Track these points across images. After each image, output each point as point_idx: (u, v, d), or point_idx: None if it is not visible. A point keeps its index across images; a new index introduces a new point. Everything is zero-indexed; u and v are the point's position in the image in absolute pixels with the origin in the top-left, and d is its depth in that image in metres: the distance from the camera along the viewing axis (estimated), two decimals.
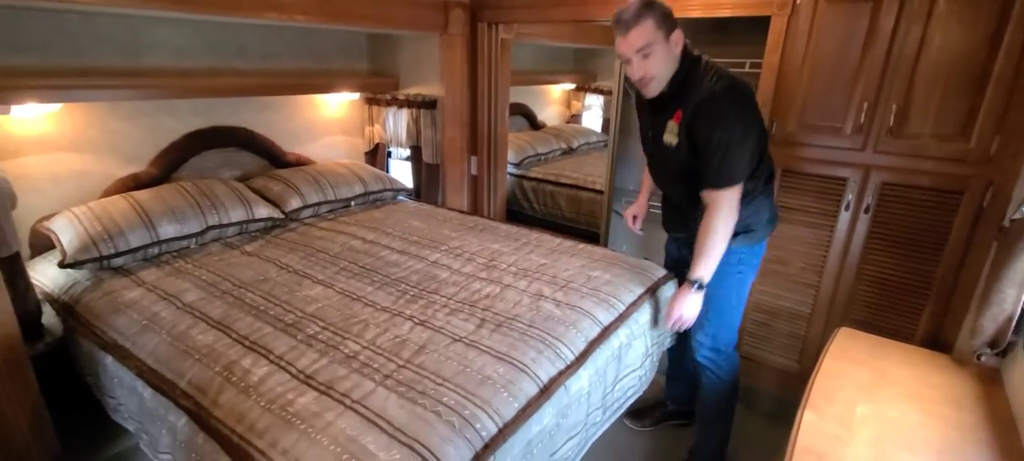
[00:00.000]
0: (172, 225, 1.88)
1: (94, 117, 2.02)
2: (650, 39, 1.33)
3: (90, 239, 1.71)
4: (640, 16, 1.31)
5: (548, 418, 1.22)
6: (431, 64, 2.73)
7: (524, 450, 1.15)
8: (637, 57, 1.36)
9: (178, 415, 1.19)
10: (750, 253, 1.60)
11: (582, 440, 1.41)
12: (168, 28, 2.12)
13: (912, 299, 1.80)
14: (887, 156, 1.72)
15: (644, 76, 1.39)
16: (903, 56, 1.61)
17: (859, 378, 1.38)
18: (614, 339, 1.51)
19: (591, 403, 1.41)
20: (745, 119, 1.37)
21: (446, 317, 1.51)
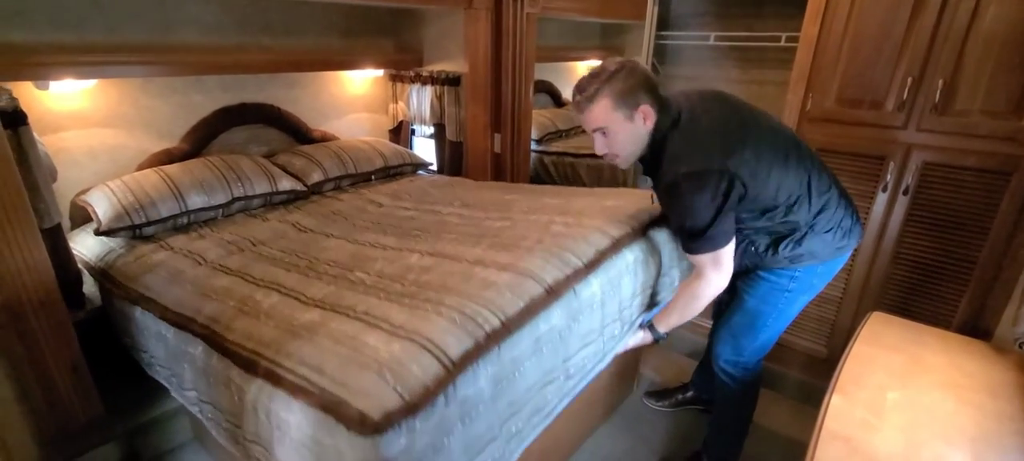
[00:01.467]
0: (200, 196, 1.95)
1: (127, 93, 2.07)
2: (606, 121, 1.24)
3: (123, 209, 1.78)
4: (594, 97, 1.22)
5: (557, 318, 1.21)
6: (455, 40, 2.70)
7: (533, 346, 1.14)
8: (597, 135, 1.28)
9: (196, 345, 1.25)
10: (808, 274, 1.44)
11: (600, 351, 1.38)
12: (197, 5, 2.15)
13: (951, 284, 1.73)
14: (930, 134, 1.63)
15: (607, 154, 1.31)
16: (953, 28, 1.52)
17: (891, 363, 1.34)
18: (627, 253, 1.47)
19: (606, 313, 1.38)
20: (712, 198, 1.21)
21: (454, 247, 1.53)
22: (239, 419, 1.13)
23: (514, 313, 1.14)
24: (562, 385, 1.27)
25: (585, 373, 1.35)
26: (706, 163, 1.21)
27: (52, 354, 1.48)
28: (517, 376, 1.11)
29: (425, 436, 0.90)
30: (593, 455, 1.85)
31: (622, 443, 1.91)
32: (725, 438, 1.71)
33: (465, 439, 0.99)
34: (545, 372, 1.20)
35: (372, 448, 0.85)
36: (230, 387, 1.14)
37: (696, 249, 1.29)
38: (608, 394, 1.97)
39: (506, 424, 1.11)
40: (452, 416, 0.96)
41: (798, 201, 1.31)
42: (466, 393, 0.99)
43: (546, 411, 1.24)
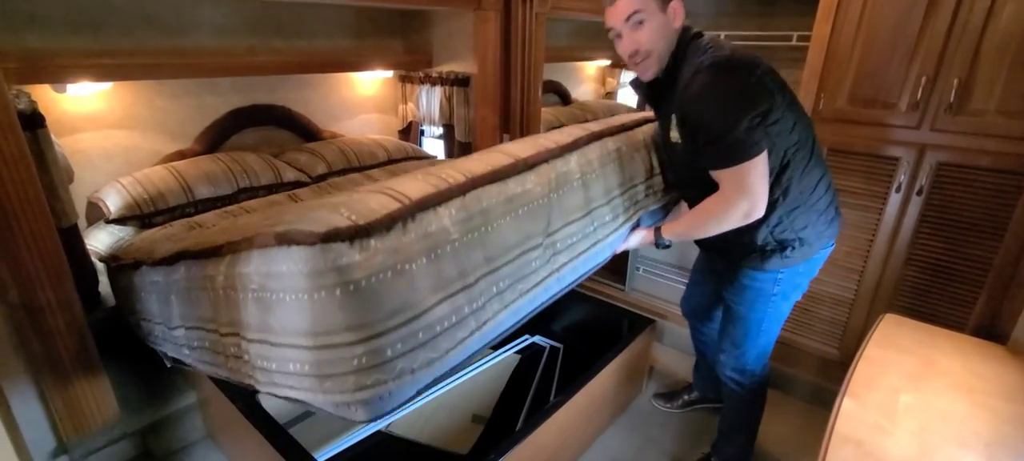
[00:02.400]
0: (206, 187, 2.04)
1: (142, 95, 2.10)
2: (640, 5, 1.16)
3: (133, 200, 1.88)
4: None
5: (532, 185, 1.16)
6: (464, 41, 2.71)
7: (505, 205, 1.10)
8: (627, 27, 1.19)
9: (178, 269, 1.23)
10: (792, 275, 1.39)
11: (589, 232, 1.31)
12: (210, 7, 2.17)
13: (965, 287, 1.71)
14: (945, 134, 1.61)
15: (636, 50, 1.21)
16: (968, 27, 1.50)
17: (904, 366, 1.32)
18: (610, 142, 1.40)
19: (591, 194, 1.31)
20: (744, 93, 1.13)
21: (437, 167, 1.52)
22: (215, 319, 1.11)
23: (480, 173, 1.10)
24: (547, 256, 1.20)
25: (576, 253, 1.28)
26: (736, 56, 1.13)
27: (68, 353, 1.50)
28: (490, 230, 1.07)
29: (382, 256, 0.88)
30: (602, 456, 1.85)
31: (631, 444, 1.91)
32: (734, 441, 1.70)
33: (433, 275, 0.96)
34: (524, 234, 1.14)
35: (321, 256, 0.84)
36: (206, 288, 1.11)
37: (720, 160, 1.17)
38: (617, 395, 1.96)
39: (486, 279, 1.06)
40: (414, 247, 0.93)
41: (798, 150, 1.24)
42: (429, 229, 0.96)
43: (533, 280, 1.17)
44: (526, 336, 2.35)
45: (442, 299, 0.98)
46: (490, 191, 1.08)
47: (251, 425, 1.46)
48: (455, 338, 1.00)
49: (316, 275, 0.84)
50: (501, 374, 2.14)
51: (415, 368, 0.94)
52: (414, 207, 0.95)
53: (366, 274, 0.86)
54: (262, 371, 0.98)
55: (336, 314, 0.85)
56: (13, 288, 1.36)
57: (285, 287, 0.89)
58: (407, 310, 0.91)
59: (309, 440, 1.70)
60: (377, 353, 0.88)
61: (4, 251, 1.32)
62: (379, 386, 0.90)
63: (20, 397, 1.47)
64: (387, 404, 0.95)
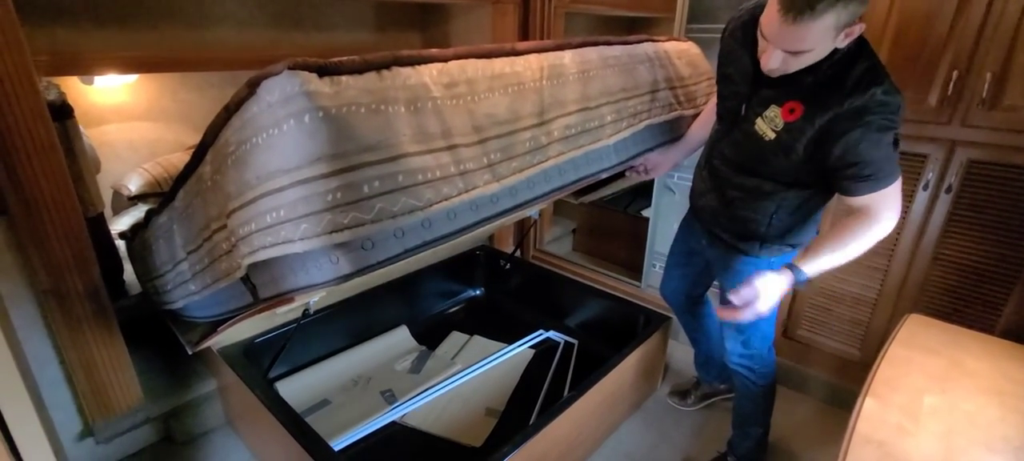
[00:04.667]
0: None
1: (166, 88, 2.14)
2: (815, 43, 1.01)
3: (154, 179, 1.95)
4: (822, 12, 0.94)
5: (521, 68, 1.15)
6: (482, 34, 2.70)
7: (490, 79, 1.09)
8: (785, 53, 1.04)
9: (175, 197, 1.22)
10: (781, 261, 1.33)
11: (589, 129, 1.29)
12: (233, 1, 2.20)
13: (995, 287, 1.66)
14: (977, 130, 1.56)
15: (778, 69, 1.09)
16: (1004, 18, 1.45)
17: (929, 367, 1.29)
18: (608, 50, 1.39)
19: (589, 90, 1.29)
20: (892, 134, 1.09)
21: None
22: (208, 225, 1.09)
23: (465, 51, 1.09)
24: (542, 140, 1.18)
25: (575, 145, 1.26)
26: (897, 90, 1.07)
27: (95, 339, 1.54)
28: (476, 100, 1.05)
29: (354, 92, 0.87)
30: (616, 451, 1.84)
31: (646, 440, 1.90)
32: (750, 434, 1.68)
33: (414, 126, 0.95)
34: (514, 113, 1.12)
35: (288, 81, 0.83)
36: (198, 193, 1.09)
37: (869, 188, 1.10)
38: (632, 391, 1.95)
39: (474, 147, 1.05)
40: (391, 92, 0.92)
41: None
42: (408, 82, 0.95)
43: (527, 160, 1.16)
44: (540, 331, 2.35)
45: (424, 151, 0.96)
46: (475, 64, 1.07)
47: (269, 412, 1.48)
48: (440, 192, 0.98)
49: (284, 103, 0.83)
50: (515, 368, 2.14)
51: (396, 212, 0.91)
52: (390, 59, 0.94)
53: (336, 104, 0.84)
54: (244, 241, 0.94)
55: (306, 143, 0.83)
56: (43, 274, 1.40)
57: (257, 128, 0.87)
58: (383, 149, 0.89)
59: (326, 429, 1.73)
60: (352, 187, 0.86)
61: (34, 238, 1.36)
62: (358, 227, 0.87)
63: (49, 380, 1.52)
64: (371, 255, 0.92)
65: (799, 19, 0.96)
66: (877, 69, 1.09)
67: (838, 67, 1.08)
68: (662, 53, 1.56)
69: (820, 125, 1.10)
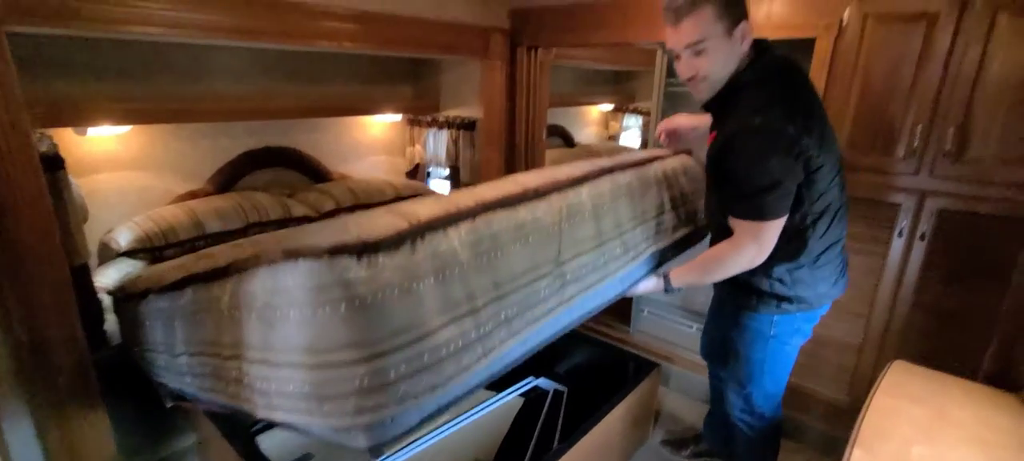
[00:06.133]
0: (217, 222, 2.10)
1: (159, 137, 2.17)
2: (705, 33, 1.09)
3: (144, 234, 1.94)
4: (697, 2, 1.07)
5: (542, 213, 1.14)
6: (471, 86, 2.80)
7: (515, 231, 1.08)
8: (687, 53, 1.14)
9: (185, 293, 1.23)
10: (788, 320, 1.38)
11: (599, 266, 1.29)
12: (228, 55, 2.27)
13: (975, 333, 1.69)
14: (944, 181, 1.63)
15: (694, 75, 1.16)
16: (961, 76, 1.54)
17: (915, 416, 1.30)
18: (621, 177, 1.39)
19: (602, 226, 1.29)
20: (777, 163, 1.12)
21: None
22: (219, 342, 1.09)
23: (492, 198, 1.08)
24: (557, 285, 1.18)
25: (585, 285, 1.27)
26: (783, 122, 1.09)
27: (70, 392, 1.50)
28: (499, 255, 1.05)
29: (389, 272, 0.86)
30: None
31: None
32: None
33: (441, 296, 0.94)
34: (533, 262, 1.13)
35: (327, 269, 0.83)
36: (211, 310, 1.10)
37: (741, 212, 1.19)
38: (623, 440, 1.92)
39: (494, 305, 1.04)
40: (422, 266, 0.91)
41: (824, 215, 1.24)
42: (438, 248, 0.94)
43: (541, 309, 1.15)
44: (530, 378, 2.32)
45: (448, 321, 0.96)
46: (500, 216, 1.07)
47: None
48: (460, 363, 0.98)
49: (321, 289, 0.84)
50: (504, 417, 2.10)
51: (418, 394, 0.91)
52: (423, 226, 0.94)
53: (372, 290, 0.85)
54: (261, 394, 0.96)
55: (339, 330, 0.84)
56: (21, 324, 1.38)
57: (290, 302, 0.88)
58: (412, 329, 0.89)
59: None
60: (379, 373, 0.86)
61: (16, 288, 1.35)
62: (381, 410, 0.87)
63: (17, 433, 1.46)
64: (389, 431, 0.91)
65: (681, 16, 1.09)
66: (766, 97, 1.13)
67: (736, 92, 1.17)
68: (670, 172, 1.58)
69: (718, 144, 1.19)
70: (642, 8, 2.13)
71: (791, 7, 1.79)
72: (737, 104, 1.16)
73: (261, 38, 1.86)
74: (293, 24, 1.88)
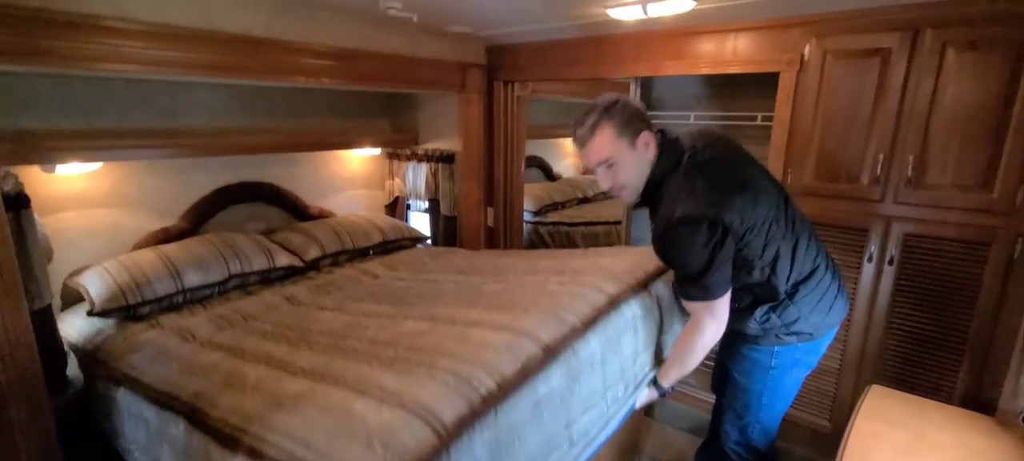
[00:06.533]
0: (197, 274, 1.96)
1: (131, 174, 2.12)
2: (610, 152, 1.23)
3: (119, 289, 1.77)
4: (596, 128, 1.23)
5: (557, 380, 1.15)
6: (449, 120, 2.83)
7: (532, 411, 1.09)
8: (601, 169, 1.27)
9: (177, 423, 1.22)
10: (789, 351, 1.40)
11: (604, 415, 1.32)
12: (205, 92, 2.26)
13: (947, 355, 1.72)
14: (908, 207, 1.69)
15: (613, 186, 1.29)
16: (916, 108, 1.62)
17: (896, 440, 1.31)
18: (626, 309, 1.43)
19: (608, 374, 1.32)
20: (704, 250, 1.20)
21: (449, 310, 1.52)
22: None
23: (511, 374, 1.10)
24: (566, 454, 1.20)
25: (589, 440, 1.28)
26: (703, 209, 1.18)
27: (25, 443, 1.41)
28: (517, 444, 1.05)
29: None
30: None
31: None
32: None
33: None
34: (547, 438, 1.14)
35: None
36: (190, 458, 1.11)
37: (692, 296, 1.27)
38: None
39: None
40: None
41: (781, 265, 1.28)
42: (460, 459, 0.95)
43: None
44: None
45: None
46: (520, 400, 1.08)
47: None
48: None
49: None
50: None
51: None
52: (449, 437, 0.95)
53: None
54: None
55: None
56: None
57: None
58: None
59: None
60: None
61: None
62: None
63: None
64: None
65: (585, 143, 1.25)
66: (684, 189, 1.23)
67: (658, 187, 1.28)
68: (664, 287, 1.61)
69: (655, 237, 1.30)
70: (613, 45, 2.21)
71: (755, 43, 1.87)
72: (661, 198, 1.28)
73: (239, 74, 1.86)
74: (271, 61, 1.89)
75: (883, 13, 1.62)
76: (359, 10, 1.99)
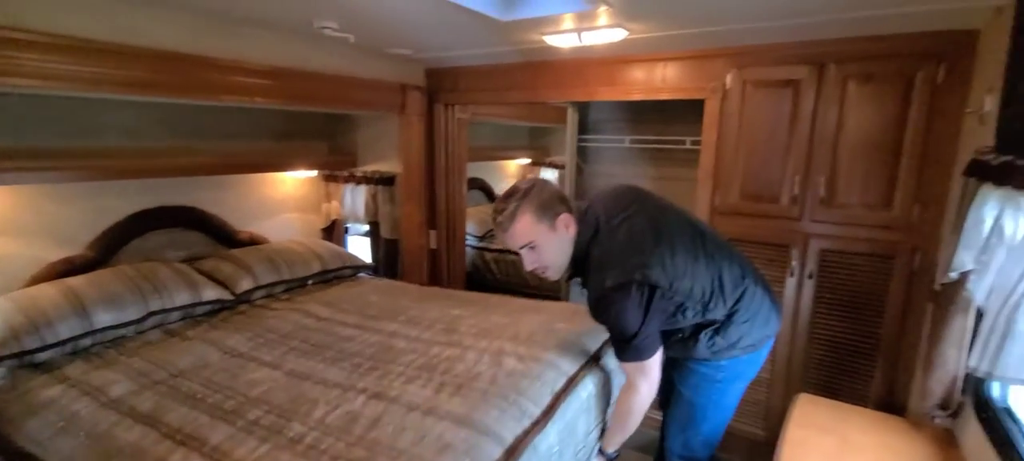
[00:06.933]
0: (109, 312, 1.74)
1: (29, 199, 1.91)
2: (530, 234, 1.29)
3: (10, 332, 1.55)
4: (514, 216, 1.29)
5: None
6: (389, 141, 2.78)
7: None
8: (525, 250, 1.32)
9: None
10: (734, 364, 1.46)
11: None
12: (121, 110, 2.09)
13: (863, 361, 1.86)
14: (823, 225, 1.83)
15: (537, 266, 1.35)
16: (825, 134, 1.77)
17: (824, 446, 1.38)
18: (582, 390, 1.45)
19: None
20: (638, 311, 1.26)
21: (402, 385, 1.43)
22: None
23: None
24: None
25: None
26: (628, 274, 1.24)
27: None
28: None
29: None
30: None
31: None
32: None
33: None
34: None
35: None
36: None
37: (626, 357, 1.32)
38: None
39: None
40: None
41: (713, 297, 1.34)
42: None
43: None
44: None
45: None
46: None
47: None
48: None
49: None
50: None
51: None
52: None
53: None
54: None
55: None
56: None
57: None
58: None
59: None
60: None
61: None
62: None
63: None
64: None
65: (507, 229, 1.30)
66: (609, 258, 1.29)
67: (585, 259, 1.34)
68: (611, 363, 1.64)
69: (590, 305, 1.34)
70: (551, 70, 2.27)
71: (682, 72, 1.99)
72: (589, 269, 1.33)
73: (161, 92, 1.74)
74: (197, 78, 1.78)
75: (793, 48, 1.77)
76: (294, 29, 1.93)
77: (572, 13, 1.56)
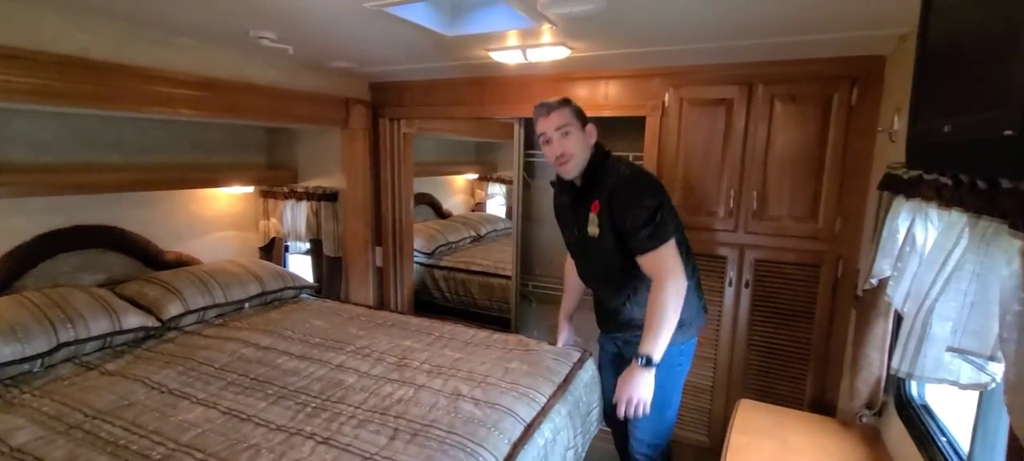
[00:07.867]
0: (9, 346, 1.57)
1: None
2: (568, 121, 1.48)
3: None
4: (560, 104, 1.50)
5: None
6: (332, 156, 2.69)
7: None
8: (557, 134, 1.48)
9: None
10: (688, 347, 1.61)
11: None
12: (27, 120, 1.90)
13: (797, 365, 1.95)
14: (756, 236, 1.92)
15: (563, 153, 1.48)
16: (755, 150, 1.87)
17: (765, 450, 1.43)
18: (538, 437, 1.44)
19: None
20: (658, 188, 1.47)
21: (354, 430, 1.35)
22: None
23: None
24: None
25: None
26: (643, 169, 1.49)
27: None
28: None
29: None
30: None
31: None
32: None
33: None
34: None
35: None
36: None
37: (647, 244, 1.40)
38: None
39: None
40: None
41: (688, 253, 1.51)
42: None
43: None
44: None
45: None
46: None
47: None
48: None
49: None
50: None
51: None
52: None
53: None
54: None
55: None
56: None
57: None
58: None
59: None
60: None
61: None
62: None
63: None
64: None
65: (550, 111, 1.49)
66: (623, 161, 1.54)
67: (600, 166, 1.52)
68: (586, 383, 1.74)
69: (607, 204, 1.47)
70: (497, 86, 2.28)
71: (624, 90, 2.06)
72: (604, 175, 1.49)
73: (74, 102, 1.60)
74: (116, 88, 1.65)
75: (724, 68, 1.87)
76: (226, 38, 1.82)
77: (516, 30, 1.58)
